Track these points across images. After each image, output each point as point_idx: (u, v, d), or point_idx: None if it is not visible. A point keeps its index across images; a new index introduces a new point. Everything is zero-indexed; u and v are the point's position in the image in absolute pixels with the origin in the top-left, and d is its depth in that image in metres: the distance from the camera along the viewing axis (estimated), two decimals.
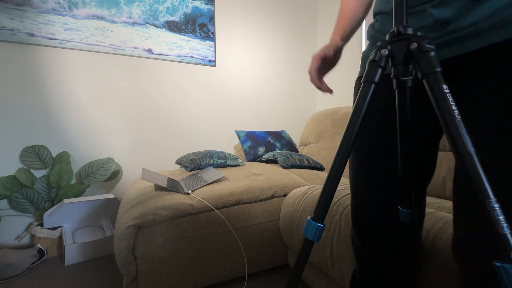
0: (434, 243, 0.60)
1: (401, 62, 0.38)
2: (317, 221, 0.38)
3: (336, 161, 0.39)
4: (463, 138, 0.31)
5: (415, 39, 0.36)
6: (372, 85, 0.38)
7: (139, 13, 1.85)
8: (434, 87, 0.33)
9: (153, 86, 1.93)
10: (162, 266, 0.99)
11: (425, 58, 0.34)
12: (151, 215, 0.97)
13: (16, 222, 1.55)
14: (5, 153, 1.52)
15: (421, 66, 0.34)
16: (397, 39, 0.38)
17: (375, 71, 0.38)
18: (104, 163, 1.70)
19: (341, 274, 0.82)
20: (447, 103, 0.32)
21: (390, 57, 0.39)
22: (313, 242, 0.38)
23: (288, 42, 2.49)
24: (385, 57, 0.38)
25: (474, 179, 0.30)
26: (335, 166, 0.39)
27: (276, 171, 1.41)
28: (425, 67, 0.34)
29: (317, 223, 0.38)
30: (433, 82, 0.33)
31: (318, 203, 0.39)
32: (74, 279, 1.23)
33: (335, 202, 0.91)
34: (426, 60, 0.34)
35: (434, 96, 0.33)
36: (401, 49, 0.37)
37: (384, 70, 0.38)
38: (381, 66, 0.38)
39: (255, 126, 2.36)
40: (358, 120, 0.38)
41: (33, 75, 1.57)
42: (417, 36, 0.36)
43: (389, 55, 0.38)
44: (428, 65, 0.34)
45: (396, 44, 0.38)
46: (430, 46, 0.35)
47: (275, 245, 1.20)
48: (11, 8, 1.50)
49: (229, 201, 1.11)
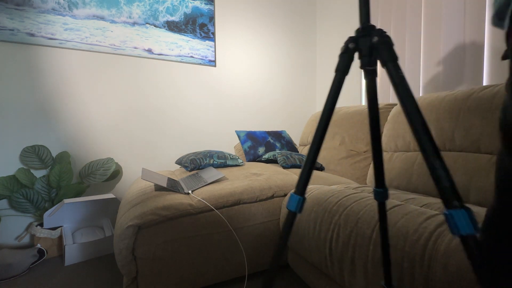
0: (436, 245, 0.60)
1: (366, 54, 0.44)
2: (299, 194, 0.44)
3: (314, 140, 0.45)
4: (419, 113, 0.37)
5: (376, 34, 0.42)
6: (343, 75, 0.45)
7: (139, 13, 1.85)
8: (393, 73, 0.39)
9: (153, 86, 1.93)
10: (162, 266, 0.99)
11: (385, 49, 0.41)
12: (151, 215, 0.97)
13: (16, 222, 1.55)
14: (5, 153, 1.52)
15: (382, 55, 0.41)
16: (362, 35, 0.44)
17: (345, 62, 0.45)
18: (104, 163, 1.70)
19: (341, 274, 0.82)
20: (405, 84, 0.38)
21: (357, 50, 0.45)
22: (296, 213, 0.44)
23: (288, 42, 2.49)
24: (352, 50, 0.44)
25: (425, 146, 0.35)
26: (313, 148, 0.44)
27: (276, 171, 1.41)
28: (385, 57, 0.40)
29: (298, 196, 0.43)
30: (392, 69, 0.40)
31: (299, 180, 0.44)
32: (74, 279, 1.23)
33: (335, 202, 0.91)
34: (386, 50, 0.41)
35: (393, 80, 0.39)
36: (366, 43, 0.43)
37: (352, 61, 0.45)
38: (351, 57, 0.45)
39: (255, 126, 2.36)
40: (334, 103, 0.45)
41: (33, 75, 1.57)
42: (378, 30, 0.42)
43: (356, 48, 0.44)
44: (388, 55, 0.40)
45: (362, 39, 0.44)
46: (389, 39, 0.41)
47: (275, 245, 1.20)
48: (11, 8, 1.50)
49: (229, 201, 1.11)
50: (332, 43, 2.40)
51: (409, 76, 1.68)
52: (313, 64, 2.62)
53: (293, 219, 0.44)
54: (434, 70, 1.53)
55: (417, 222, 0.67)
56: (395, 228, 0.70)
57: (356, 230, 0.78)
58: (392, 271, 0.66)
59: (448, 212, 0.33)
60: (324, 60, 2.52)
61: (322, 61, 2.55)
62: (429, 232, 0.63)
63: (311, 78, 2.63)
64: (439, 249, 0.59)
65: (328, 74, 2.47)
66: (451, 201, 0.33)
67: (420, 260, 0.61)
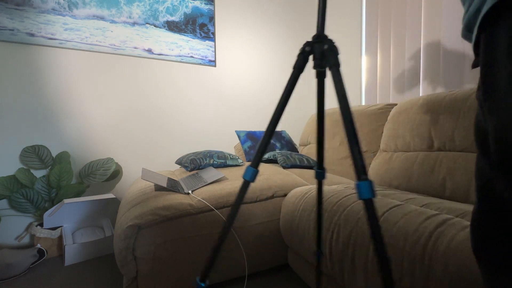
0: (436, 245, 0.60)
1: (318, 58, 0.54)
2: (253, 167, 0.54)
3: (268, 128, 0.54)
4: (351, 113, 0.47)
5: (327, 42, 0.52)
6: (299, 72, 0.54)
7: (139, 13, 1.85)
8: (335, 76, 0.50)
9: (153, 86, 1.93)
10: (162, 266, 0.99)
11: (332, 56, 0.51)
12: (151, 215, 0.97)
13: (16, 222, 1.55)
14: (5, 153, 1.52)
15: (329, 61, 0.51)
16: (317, 41, 0.53)
17: (301, 62, 0.54)
18: (104, 163, 1.70)
19: (341, 274, 0.82)
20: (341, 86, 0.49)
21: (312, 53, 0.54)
22: (249, 182, 0.55)
23: (288, 41, 2.49)
24: (307, 52, 0.54)
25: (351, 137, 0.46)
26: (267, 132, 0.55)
27: (276, 171, 1.41)
28: (331, 62, 0.51)
29: (253, 168, 0.54)
30: (335, 73, 0.50)
31: (255, 156, 0.55)
32: (74, 279, 1.23)
33: (335, 202, 0.91)
34: (332, 57, 0.51)
35: (334, 81, 0.50)
36: (319, 48, 0.53)
37: (307, 61, 0.54)
38: (306, 58, 0.54)
39: (255, 126, 2.36)
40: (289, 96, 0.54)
41: (33, 75, 1.57)
42: (329, 40, 0.52)
43: (311, 51, 0.54)
44: (334, 61, 0.51)
45: (316, 45, 0.53)
46: (336, 48, 0.52)
47: (275, 245, 1.20)
48: (11, 8, 1.50)
49: (229, 201, 1.11)
50: None
51: (409, 76, 1.68)
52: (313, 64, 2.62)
53: (247, 188, 0.56)
54: (434, 70, 1.53)
55: (417, 222, 0.67)
56: (395, 228, 0.70)
57: (356, 230, 0.78)
58: (392, 271, 0.66)
59: (358, 183, 0.45)
60: None
61: None
62: (429, 232, 0.63)
63: (311, 78, 2.63)
64: (439, 249, 0.59)
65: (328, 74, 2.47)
66: (361, 176, 0.45)
67: (420, 260, 0.61)
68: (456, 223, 0.63)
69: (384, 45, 1.86)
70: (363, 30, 2.08)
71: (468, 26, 0.36)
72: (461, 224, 0.62)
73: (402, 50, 1.74)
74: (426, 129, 1.21)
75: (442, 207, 0.80)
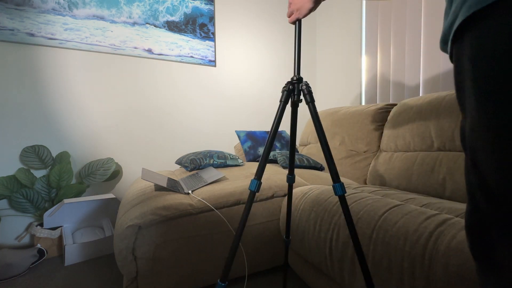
0: (436, 245, 0.60)
1: (296, 94, 0.69)
2: (257, 179, 0.64)
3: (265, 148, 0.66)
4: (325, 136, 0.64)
5: (304, 84, 0.68)
6: (285, 104, 0.68)
7: (139, 13, 1.85)
8: (313, 111, 0.66)
9: (153, 86, 1.93)
10: (162, 266, 0.99)
11: (309, 94, 0.67)
12: (151, 215, 0.97)
13: (16, 222, 1.55)
14: (5, 153, 1.52)
15: (306, 98, 0.67)
16: (296, 82, 0.69)
17: (286, 96, 0.68)
18: (104, 163, 1.70)
19: (341, 274, 0.82)
20: (317, 118, 0.66)
21: (292, 91, 0.69)
22: (255, 192, 0.64)
23: (288, 42, 2.49)
24: (290, 89, 0.68)
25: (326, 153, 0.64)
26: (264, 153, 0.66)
27: (276, 171, 1.41)
28: (308, 99, 0.67)
29: (257, 180, 0.64)
30: (313, 108, 0.66)
31: (257, 170, 0.65)
32: (74, 279, 1.23)
33: (335, 202, 0.91)
34: (308, 95, 0.67)
35: (312, 116, 0.66)
36: (297, 87, 0.69)
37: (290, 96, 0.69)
38: (290, 94, 0.69)
39: (255, 126, 2.36)
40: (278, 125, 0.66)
41: (33, 75, 1.57)
42: (305, 82, 0.69)
43: (292, 89, 0.69)
44: (310, 98, 0.67)
45: (295, 84, 0.69)
46: (310, 88, 0.68)
47: (275, 245, 1.20)
48: (11, 8, 1.50)
49: (229, 201, 1.11)
50: (332, 43, 2.40)
51: (409, 76, 1.68)
52: (313, 64, 2.63)
53: (253, 198, 0.65)
54: (434, 70, 1.53)
55: (417, 222, 0.67)
56: (395, 228, 0.70)
57: (356, 230, 0.78)
58: (392, 271, 0.66)
59: (334, 184, 0.63)
60: (324, 60, 2.52)
61: (322, 61, 2.55)
62: (429, 232, 0.63)
63: (311, 78, 2.63)
64: (439, 249, 0.59)
65: (328, 74, 2.47)
66: (335, 179, 0.63)
67: (420, 260, 0.61)
68: (456, 223, 0.63)
69: (384, 45, 1.86)
70: (363, 30, 2.08)
71: (444, 39, 0.39)
72: (461, 224, 0.62)
73: (402, 50, 1.74)
74: (426, 129, 1.21)
75: (442, 207, 0.80)
